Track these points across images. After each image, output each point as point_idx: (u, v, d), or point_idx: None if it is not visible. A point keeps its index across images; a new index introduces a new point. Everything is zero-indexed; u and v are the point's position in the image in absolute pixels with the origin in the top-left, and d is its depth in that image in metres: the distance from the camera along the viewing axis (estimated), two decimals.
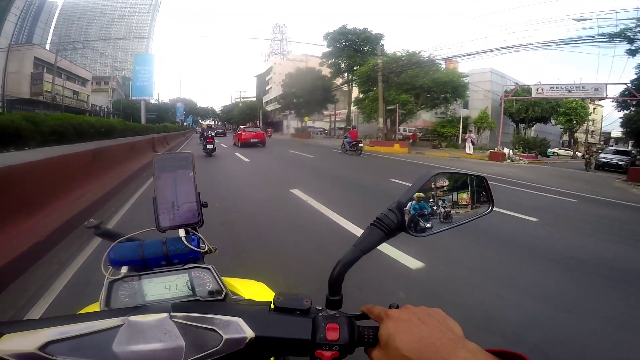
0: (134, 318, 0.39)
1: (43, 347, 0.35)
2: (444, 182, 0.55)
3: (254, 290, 0.77)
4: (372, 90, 21.86)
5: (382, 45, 35.46)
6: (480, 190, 0.58)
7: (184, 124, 61.38)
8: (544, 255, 3.41)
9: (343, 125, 36.05)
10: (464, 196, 0.56)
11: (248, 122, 53.56)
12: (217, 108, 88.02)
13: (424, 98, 21.20)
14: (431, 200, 0.53)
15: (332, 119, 37.22)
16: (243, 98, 77.28)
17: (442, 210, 0.54)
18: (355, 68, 34.14)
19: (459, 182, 0.57)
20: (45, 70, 33.60)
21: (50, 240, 2.82)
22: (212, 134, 12.59)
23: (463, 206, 0.56)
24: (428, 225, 0.52)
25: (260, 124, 51.92)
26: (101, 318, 0.39)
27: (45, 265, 2.59)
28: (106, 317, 0.39)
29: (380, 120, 19.16)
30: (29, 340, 0.36)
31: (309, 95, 30.80)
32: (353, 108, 30.72)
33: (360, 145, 14.84)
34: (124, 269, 0.50)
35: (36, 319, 0.41)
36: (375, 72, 19.65)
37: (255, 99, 71.77)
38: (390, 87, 20.20)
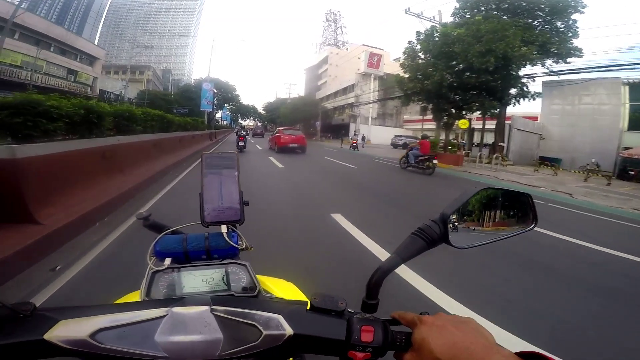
0: (177, 309, 0.40)
1: (93, 335, 0.36)
2: (488, 197, 0.54)
3: (284, 289, 0.79)
4: None
5: (575, 22, 19.96)
6: (525, 207, 0.58)
7: (216, 118, 44.30)
8: None
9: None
10: (508, 212, 0.57)
11: (299, 122, 40.25)
12: (259, 106, 76.24)
13: None
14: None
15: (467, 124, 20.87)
16: (290, 96, 64.25)
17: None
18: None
19: (505, 198, 0.57)
20: (16, 35, 22.26)
21: None
22: (244, 133, 15.38)
23: (506, 221, 0.57)
24: (470, 238, 0.52)
25: (319, 126, 38.41)
26: (146, 308, 0.40)
27: None
28: (151, 307, 0.40)
29: None
30: (82, 327, 0.37)
31: (485, 73, 13.22)
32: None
33: (435, 162, 10.54)
34: (167, 261, 0.52)
35: (88, 306, 0.41)
36: None
37: (302, 96, 58.09)
38: None
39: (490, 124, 21.19)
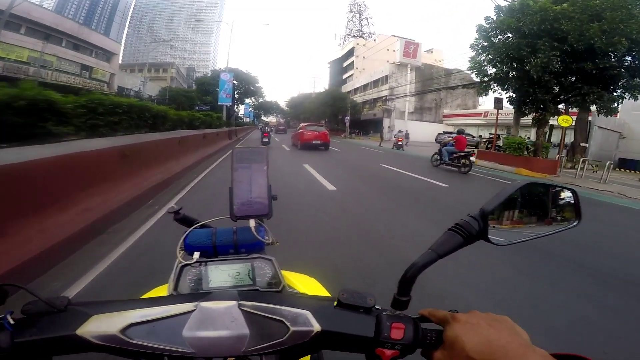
0: (205, 304, 0.39)
1: (124, 330, 0.36)
2: (529, 193, 0.52)
3: (307, 285, 0.78)
4: None
5: None
6: (570, 203, 0.55)
7: (239, 115, 41.92)
8: None
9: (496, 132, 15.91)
10: (550, 208, 0.54)
11: (325, 118, 37.07)
12: (282, 102, 73.37)
13: None
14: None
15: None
16: (314, 90, 60.94)
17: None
18: None
19: (548, 194, 0.54)
20: (22, 30, 20.40)
21: None
22: (268, 129, 17.27)
23: (548, 217, 0.54)
24: (509, 235, 0.49)
25: (348, 122, 35.02)
26: (176, 303, 0.40)
27: None
28: (180, 302, 0.40)
29: None
30: (113, 322, 0.37)
31: (607, 58, 9.56)
32: None
33: (472, 159, 10.08)
34: (196, 255, 0.52)
35: (119, 301, 0.41)
36: None
37: (328, 89, 54.63)
38: None
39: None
